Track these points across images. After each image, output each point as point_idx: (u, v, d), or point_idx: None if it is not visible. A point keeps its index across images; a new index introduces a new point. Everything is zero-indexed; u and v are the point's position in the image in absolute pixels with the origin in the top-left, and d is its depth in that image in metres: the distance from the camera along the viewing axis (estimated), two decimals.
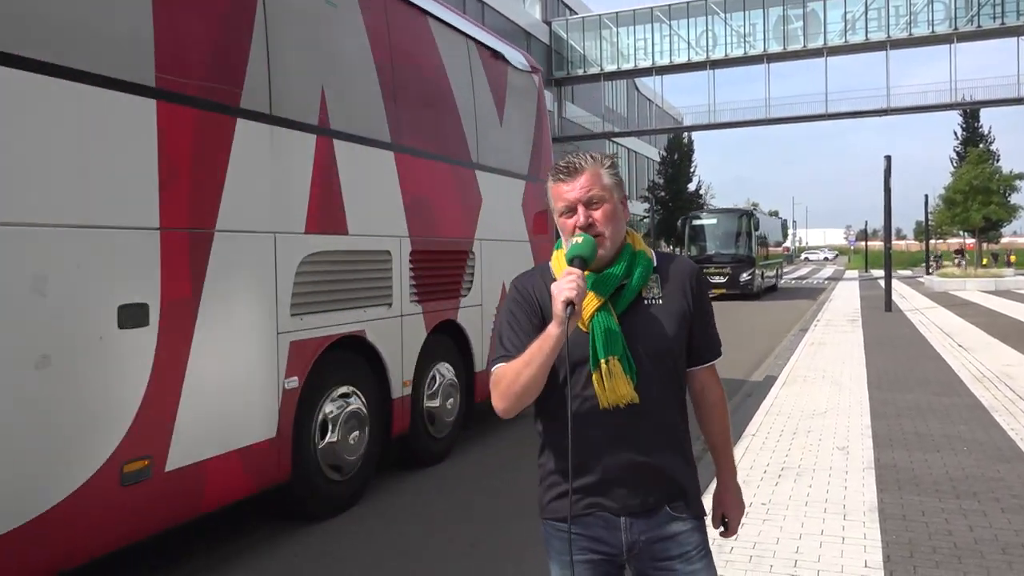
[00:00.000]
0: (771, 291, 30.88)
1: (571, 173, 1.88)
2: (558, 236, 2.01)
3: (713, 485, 2.15)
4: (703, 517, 1.99)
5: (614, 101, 52.65)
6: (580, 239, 1.82)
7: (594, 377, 1.83)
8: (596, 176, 1.88)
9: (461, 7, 33.93)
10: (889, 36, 37.55)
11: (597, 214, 1.87)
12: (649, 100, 56.37)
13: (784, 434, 6.70)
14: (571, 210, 1.88)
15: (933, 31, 36.97)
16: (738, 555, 4.01)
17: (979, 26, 36.19)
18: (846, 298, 25.09)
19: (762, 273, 28.57)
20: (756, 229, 27.51)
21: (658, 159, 56.66)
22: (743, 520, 2.15)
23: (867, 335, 14.13)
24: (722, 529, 2.11)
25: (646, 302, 1.90)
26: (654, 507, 1.89)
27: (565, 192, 1.89)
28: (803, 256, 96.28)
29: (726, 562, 3.89)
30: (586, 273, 1.80)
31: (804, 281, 41.41)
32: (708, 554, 1.95)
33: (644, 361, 1.85)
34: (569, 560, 1.87)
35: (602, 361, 1.81)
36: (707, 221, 28.86)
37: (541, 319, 1.89)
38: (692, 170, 54.04)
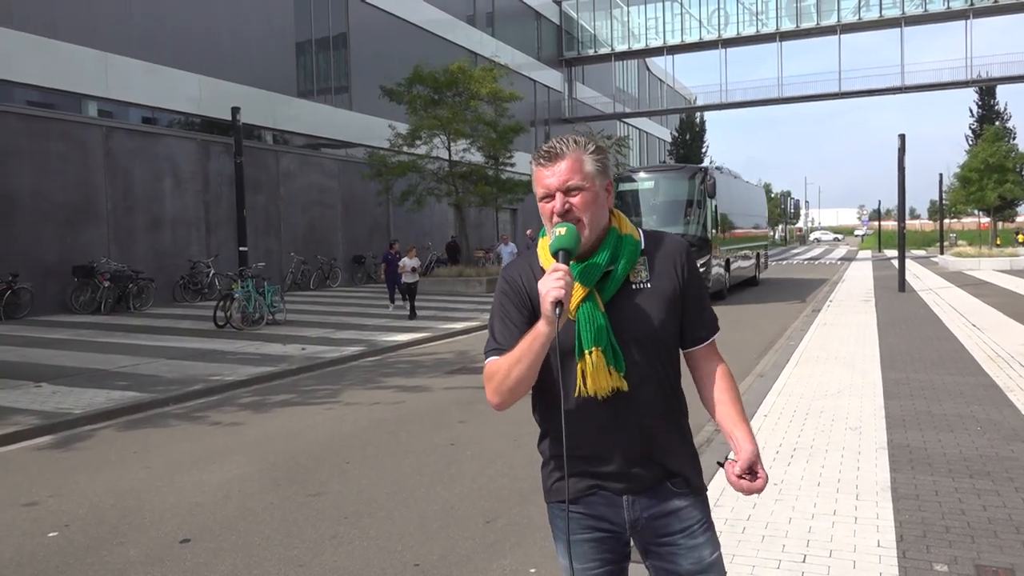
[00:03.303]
0: (748, 286, 23.66)
1: (551, 158, 1.83)
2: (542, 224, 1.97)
3: (719, 475, 2.13)
4: (704, 493, 2.00)
5: (625, 81, 52.31)
6: (563, 230, 1.77)
7: (578, 368, 1.83)
8: (577, 162, 1.83)
9: None
10: (904, 12, 37.10)
11: (576, 200, 1.82)
12: (660, 80, 56.00)
13: (796, 415, 6.70)
14: (551, 196, 1.84)
15: (948, 7, 36.47)
16: (751, 535, 4.02)
17: (995, 1, 35.65)
18: (859, 278, 24.96)
19: (727, 262, 20.49)
20: (712, 196, 18.85)
21: (669, 140, 56.44)
22: (755, 500, 2.13)
23: (880, 315, 14.07)
24: (749, 480, 1.85)
25: (634, 287, 1.88)
26: (654, 485, 1.91)
27: (545, 178, 1.84)
28: (813, 237, 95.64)
29: (739, 542, 3.91)
30: (571, 263, 1.79)
31: (816, 262, 41.14)
32: (711, 528, 1.96)
33: (634, 348, 1.84)
34: (567, 539, 1.87)
35: (586, 352, 1.81)
36: (641, 184, 19.24)
37: (531, 309, 1.89)
38: (704, 151, 53.87)
